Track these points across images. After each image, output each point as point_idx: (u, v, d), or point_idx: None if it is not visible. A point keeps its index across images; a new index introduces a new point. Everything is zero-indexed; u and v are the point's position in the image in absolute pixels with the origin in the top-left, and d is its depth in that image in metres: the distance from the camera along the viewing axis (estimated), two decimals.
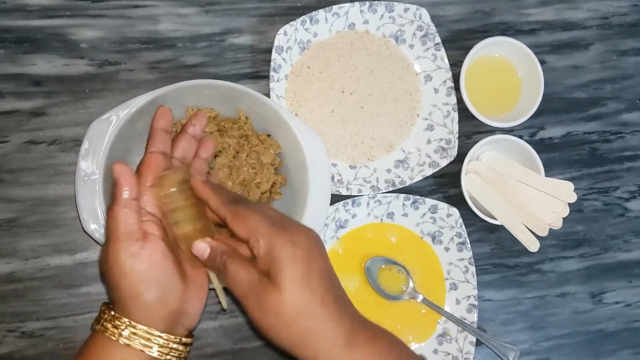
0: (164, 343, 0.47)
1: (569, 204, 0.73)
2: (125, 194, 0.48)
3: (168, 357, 0.48)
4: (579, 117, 0.81)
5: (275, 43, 0.72)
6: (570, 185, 0.72)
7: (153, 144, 0.55)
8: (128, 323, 0.47)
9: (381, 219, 0.74)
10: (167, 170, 0.53)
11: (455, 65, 0.76)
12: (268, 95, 0.72)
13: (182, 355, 0.50)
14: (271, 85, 0.72)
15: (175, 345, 0.48)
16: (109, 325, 0.48)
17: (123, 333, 0.47)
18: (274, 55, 0.71)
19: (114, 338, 0.47)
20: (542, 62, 0.76)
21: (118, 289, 0.47)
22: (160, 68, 0.73)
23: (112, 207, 0.48)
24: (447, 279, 0.74)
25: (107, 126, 0.63)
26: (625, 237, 0.80)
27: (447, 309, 0.74)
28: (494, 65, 0.77)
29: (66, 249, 0.70)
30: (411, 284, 0.74)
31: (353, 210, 0.73)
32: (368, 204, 0.73)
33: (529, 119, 0.74)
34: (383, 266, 0.74)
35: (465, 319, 0.73)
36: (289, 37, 0.72)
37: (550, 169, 0.78)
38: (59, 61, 0.72)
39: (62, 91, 0.72)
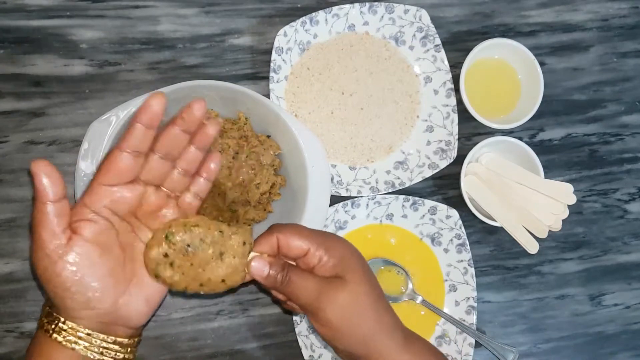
0: (94, 342, 0.46)
1: (569, 206, 0.73)
2: (46, 195, 0.44)
3: (103, 357, 0.46)
4: (579, 119, 0.81)
5: (275, 44, 0.72)
6: (569, 187, 0.72)
7: (124, 139, 0.45)
8: (58, 319, 0.46)
9: (380, 220, 0.74)
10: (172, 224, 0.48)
11: (455, 67, 0.76)
12: (268, 96, 0.72)
13: (122, 357, 0.48)
14: (271, 86, 0.72)
15: (107, 345, 0.46)
16: (45, 321, 0.47)
17: (54, 329, 0.46)
18: (273, 56, 0.72)
19: (48, 334, 0.46)
20: (541, 64, 0.75)
21: (46, 290, 0.46)
22: (160, 69, 0.73)
23: (33, 211, 0.45)
24: (446, 280, 0.74)
25: (107, 127, 0.63)
26: (624, 239, 0.80)
27: (446, 310, 0.74)
28: (493, 67, 0.77)
29: None
30: (410, 286, 0.74)
31: (352, 211, 0.73)
32: (367, 205, 0.73)
33: (528, 120, 0.74)
34: (382, 267, 0.74)
35: (464, 320, 0.73)
36: (289, 38, 0.72)
37: (550, 170, 0.78)
38: (58, 61, 0.72)
39: (61, 91, 0.72)
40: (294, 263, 0.50)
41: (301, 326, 0.70)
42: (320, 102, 0.75)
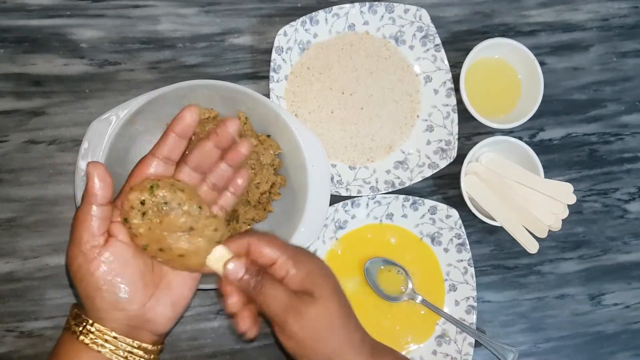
0: (120, 345, 0.47)
1: (569, 206, 0.73)
2: (93, 197, 0.46)
3: None
4: (579, 119, 0.81)
5: (275, 44, 0.72)
6: (569, 187, 0.72)
7: (157, 147, 0.48)
8: (87, 321, 0.47)
9: (380, 220, 0.74)
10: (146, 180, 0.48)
11: (455, 67, 0.76)
12: (268, 95, 0.72)
13: None
14: (271, 85, 0.72)
15: (132, 350, 0.47)
16: (72, 323, 0.48)
17: (82, 331, 0.47)
18: (273, 55, 0.71)
19: (75, 336, 0.47)
20: (542, 64, 0.76)
21: (77, 290, 0.47)
22: (160, 68, 0.73)
23: (78, 209, 0.47)
24: (446, 280, 0.74)
25: (107, 126, 0.63)
26: (624, 239, 0.80)
27: (446, 310, 0.74)
28: (493, 66, 0.77)
29: (65, 249, 0.69)
30: (410, 285, 0.74)
31: (352, 211, 0.73)
32: (367, 204, 0.73)
33: (528, 120, 0.74)
34: (382, 267, 0.74)
35: (464, 320, 0.73)
36: (289, 37, 0.72)
37: (550, 170, 0.78)
38: (58, 61, 0.72)
39: (61, 91, 0.72)
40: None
41: None
42: (321, 101, 0.75)
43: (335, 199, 0.72)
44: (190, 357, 0.71)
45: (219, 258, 0.49)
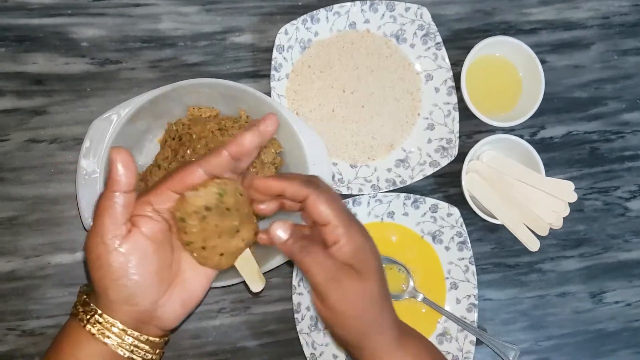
0: (126, 339, 0.46)
1: (570, 204, 0.73)
2: (117, 184, 0.44)
3: (133, 355, 0.47)
4: (580, 117, 0.81)
5: (276, 42, 0.72)
6: (570, 185, 0.72)
7: (207, 161, 0.46)
8: (95, 311, 0.46)
9: (382, 218, 0.74)
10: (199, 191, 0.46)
11: (456, 65, 0.76)
12: (269, 94, 0.72)
13: (150, 357, 0.48)
14: (272, 84, 0.72)
15: (139, 344, 0.47)
16: (80, 309, 0.47)
17: (89, 320, 0.46)
18: (274, 54, 0.72)
19: (82, 324, 0.46)
20: (542, 62, 0.75)
21: (91, 278, 0.46)
22: (161, 67, 0.73)
23: (101, 196, 0.45)
24: (447, 278, 0.75)
25: (108, 125, 0.63)
26: (625, 237, 0.80)
27: (447, 308, 0.74)
28: (494, 64, 0.77)
29: (67, 248, 0.70)
30: (411, 283, 0.74)
31: (354, 209, 0.73)
32: (369, 203, 0.73)
33: (529, 118, 0.74)
34: (383, 265, 0.74)
35: (465, 318, 0.73)
36: (290, 36, 0.72)
37: (551, 168, 0.78)
38: (60, 60, 0.72)
39: (63, 90, 0.72)
40: None
41: (302, 324, 0.70)
42: (322, 100, 0.75)
43: None
44: (192, 355, 0.71)
45: (246, 259, 0.50)
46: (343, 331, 0.49)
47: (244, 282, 0.52)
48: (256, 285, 0.52)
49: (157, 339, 0.48)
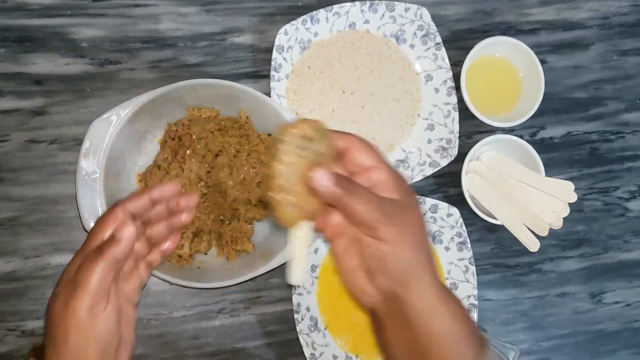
0: None
1: (569, 204, 0.73)
2: (117, 251, 0.46)
3: None
4: (580, 117, 0.81)
5: (276, 42, 0.72)
6: (570, 185, 0.72)
7: (131, 200, 0.50)
8: None
9: None
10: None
11: (456, 65, 0.76)
12: (269, 94, 0.72)
13: None
14: (272, 84, 0.72)
15: None
16: None
17: None
18: (274, 54, 0.72)
19: None
20: (542, 62, 0.75)
21: (62, 339, 0.46)
22: (161, 67, 0.73)
23: (95, 260, 0.46)
24: (447, 278, 0.75)
25: (108, 125, 0.63)
26: (625, 237, 0.80)
27: None
28: (494, 65, 0.77)
29: (67, 248, 0.70)
30: None
31: None
32: None
33: (529, 118, 0.74)
34: None
35: None
36: (290, 36, 0.72)
37: (551, 168, 0.78)
38: (59, 60, 0.72)
39: (62, 90, 0.72)
40: None
41: (302, 324, 0.70)
42: (321, 100, 0.75)
43: None
44: (191, 355, 0.71)
45: (302, 240, 0.48)
46: (392, 267, 0.46)
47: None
48: (296, 275, 0.50)
49: None
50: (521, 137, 0.76)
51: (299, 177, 0.45)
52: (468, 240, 0.73)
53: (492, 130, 0.77)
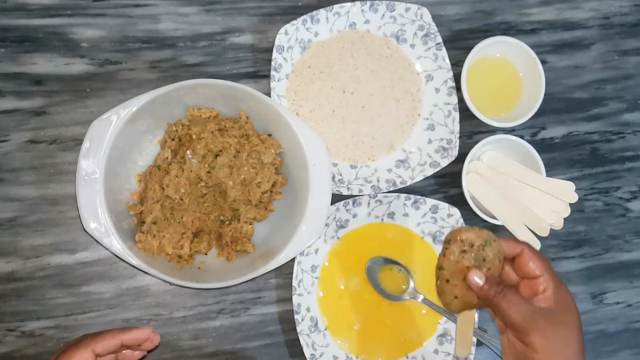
0: None
1: (570, 204, 0.73)
2: (100, 347, 0.53)
3: None
4: (580, 117, 0.81)
5: (276, 42, 0.72)
6: (571, 186, 0.72)
7: (100, 338, 0.55)
8: None
9: (382, 219, 0.74)
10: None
11: (457, 65, 0.76)
12: (269, 94, 0.72)
13: None
14: (272, 84, 0.72)
15: None
16: None
17: None
18: (274, 54, 0.71)
19: None
20: (543, 62, 0.75)
21: None
22: (161, 67, 0.73)
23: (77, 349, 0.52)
24: None
25: (108, 125, 0.63)
26: (626, 238, 0.80)
27: None
28: (495, 65, 0.77)
29: (66, 248, 0.70)
30: (412, 284, 0.74)
31: (354, 210, 0.73)
32: (369, 203, 0.73)
33: (530, 118, 0.74)
34: (384, 266, 0.74)
35: None
36: (290, 36, 0.72)
37: (552, 169, 0.78)
38: (59, 60, 0.72)
39: (62, 90, 0.72)
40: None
41: (302, 325, 0.70)
42: (322, 100, 0.75)
43: (336, 198, 0.72)
44: (191, 356, 0.71)
45: (469, 319, 0.57)
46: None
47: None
48: (463, 349, 0.57)
49: None
50: (522, 137, 0.76)
51: (461, 275, 0.51)
52: None
53: (493, 131, 0.77)
